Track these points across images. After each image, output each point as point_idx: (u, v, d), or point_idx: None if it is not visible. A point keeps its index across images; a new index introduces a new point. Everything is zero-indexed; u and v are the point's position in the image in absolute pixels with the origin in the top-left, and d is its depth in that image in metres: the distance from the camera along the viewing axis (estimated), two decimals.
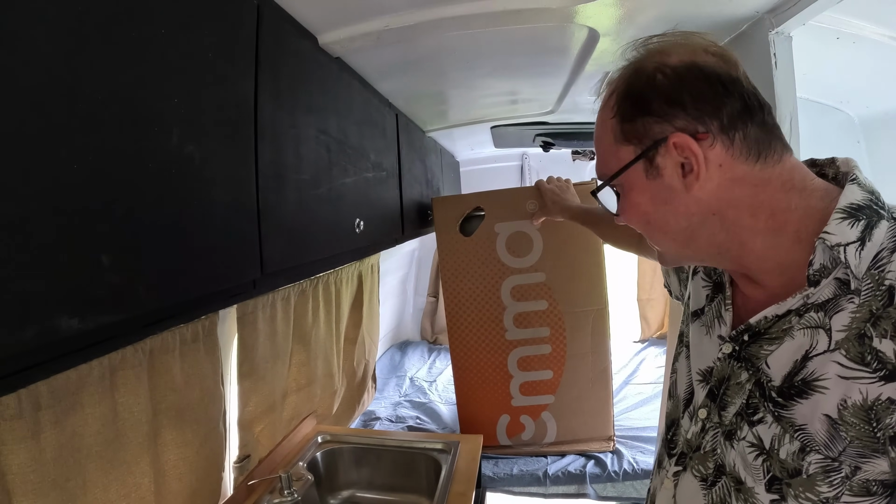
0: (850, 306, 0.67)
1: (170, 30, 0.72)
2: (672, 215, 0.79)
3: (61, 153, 0.55)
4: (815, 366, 0.69)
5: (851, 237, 0.67)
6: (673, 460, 0.92)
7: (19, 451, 0.97)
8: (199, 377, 1.44)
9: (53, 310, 0.53)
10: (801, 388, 0.70)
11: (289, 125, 1.06)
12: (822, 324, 0.69)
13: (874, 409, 0.63)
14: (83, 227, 0.59)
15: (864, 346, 0.64)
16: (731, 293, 0.88)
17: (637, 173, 0.79)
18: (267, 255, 0.96)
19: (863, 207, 0.68)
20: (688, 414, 0.91)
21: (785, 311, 0.74)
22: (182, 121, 0.74)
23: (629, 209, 0.82)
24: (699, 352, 0.92)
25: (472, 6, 1.24)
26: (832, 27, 1.45)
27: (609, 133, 0.81)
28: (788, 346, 0.73)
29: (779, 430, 0.72)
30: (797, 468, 0.69)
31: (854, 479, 0.66)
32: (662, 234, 0.82)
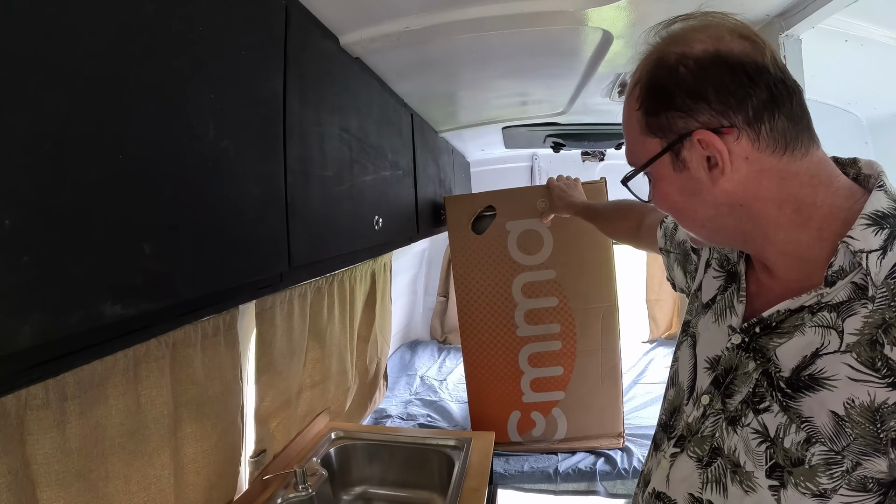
0: (864, 311, 0.68)
1: (207, 29, 0.74)
2: (700, 205, 0.79)
3: (109, 146, 0.58)
4: (825, 364, 0.70)
5: (874, 245, 0.68)
6: (671, 442, 0.94)
7: (45, 441, 0.99)
8: (220, 371, 1.46)
9: (98, 295, 0.55)
10: (808, 382, 0.71)
11: (314, 123, 1.08)
12: (835, 325, 0.70)
13: (880, 411, 0.64)
14: (128, 216, 0.61)
15: (875, 352, 0.65)
16: (746, 284, 0.89)
17: (664, 165, 0.79)
18: (294, 250, 0.98)
19: (888, 216, 0.69)
20: (691, 401, 0.92)
21: (798, 307, 0.75)
22: (218, 116, 0.76)
23: (659, 198, 0.84)
24: (708, 340, 0.93)
25: (487, 9, 1.27)
26: (841, 30, 1.47)
27: (635, 124, 0.81)
28: (798, 342, 0.74)
29: (785, 420, 0.73)
30: (800, 458, 0.70)
31: (853, 475, 0.67)
32: (691, 221, 0.83)
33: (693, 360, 0.95)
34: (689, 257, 1.13)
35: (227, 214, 0.79)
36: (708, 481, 0.83)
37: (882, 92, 2.03)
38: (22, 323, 0.46)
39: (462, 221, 2.43)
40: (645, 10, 1.28)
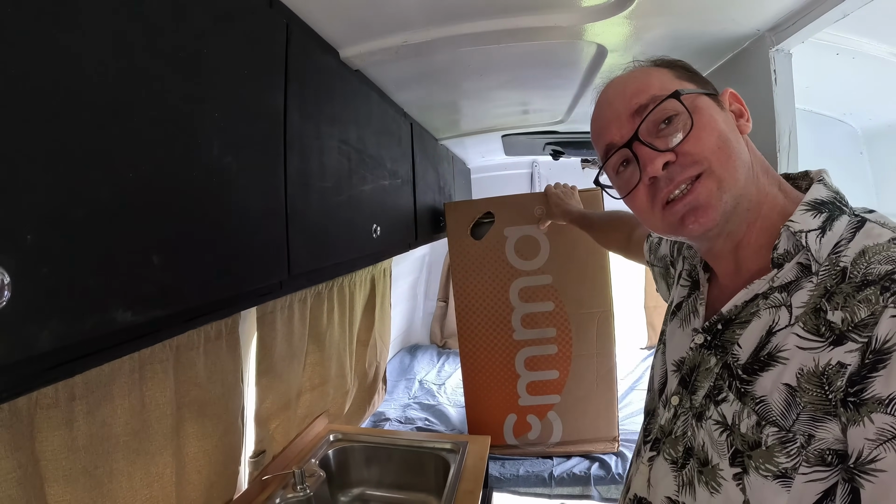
0: (809, 285, 0.73)
1: (211, 50, 0.78)
2: (740, 145, 0.83)
3: (120, 164, 0.62)
4: (778, 340, 0.73)
5: (813, 225, 0.74)
6: (648, 446, 0.96)
7: (53, 439, 1.03)
8: (221, 373, 1.49)
9: (111, 303, 0.59)
10: (765, 361, 0.74)
11: (313, 136, 1.12)
12: (785, 302, 0.75)
13: (826, 373, 0.66)
14: (138, 230, 0.65)
15: (819, 319, 0.69)
16: (707, 290, 0.95)
17: (708, 101, 0.84)
18: (293, 258, 1.01)
19: (826, 203, 0.76)
20: (661, 402, 0.96)
21: (752, 296, 0.80)
22: (221, 134, 0.80)
23: (707, 124, 0.81)
24: (674, 344, 0.98)
25: (486, 24, 1.30)
26: (832, 43, 1.49)
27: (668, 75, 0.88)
28: (755, 325, 0.78)
29: (739, 407, 0.76)
30: (756, 440, 0.72)
31: (809, 449, 0.68)
32: (735, 158, 0.81)
33: (664, 365, 1.00)
34: (669, 270, 1.17)
35: (229, 226, 0.83)
36: (683, 484, 0.86)
37: (876, 103, 2.05)
38: (42, 328, 0.50)
39: (461, 227, 2.46)
40: (638, 25, 1.31)
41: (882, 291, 0.64)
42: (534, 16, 1.29)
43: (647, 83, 0.86)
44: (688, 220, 0.81)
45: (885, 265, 0.66)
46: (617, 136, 0.87)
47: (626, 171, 0.89)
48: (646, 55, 1.46)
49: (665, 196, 0.82)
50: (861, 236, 0.71)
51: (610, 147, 0.89)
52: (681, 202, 0.81)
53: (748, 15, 1.29)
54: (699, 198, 0.79)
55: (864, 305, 0.65)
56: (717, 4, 1.23)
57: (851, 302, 0.66)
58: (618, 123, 0.87)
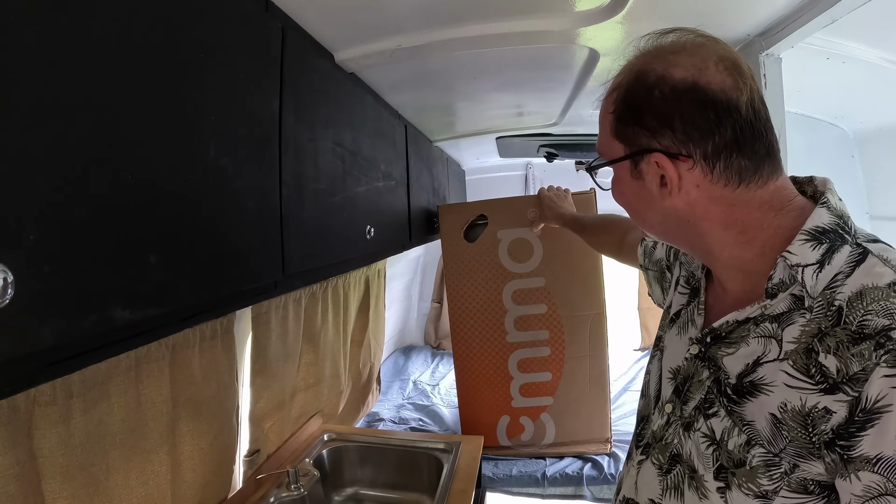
0: (801, 321, 0.71)
1: (208, 55, 0.80)
2: (651, 212, 0.86)
3: (119, 167, 0.63)
4: (765, 372, 0.73)
5: (811, 259, 0.71)
6: (639, 451, 0.98)
7: (51, 435, 1.03)
8: (216, 372, 1.50)
9: (109, 302, 0.61)
10: (749, 388, 0.75)
11: (308, 138, 1.14)
12: (775, 334, 0.74)
13: (811, 415, 0.67)
14: (136, 230, 0.66)
15: (810, 360, 0.68)
16: (705, 299, 0.94)
17: (624, 170, 0.85)
18: (288, 259, 1.03)
19: (828, 231, 0.72)
20: (657, 409, 0.96)
21: (744, 318, 0.79)
22: (218, 136, 0.82)
23: (617, 194, 0.90)
24: (672, 352, 0.97)
25: (479, 28, 1.31)
26: (822, 48, 1.51)
27: (607, 125, 0.85)
28: (743, 351, 0.78)
29: (729, 424, 0.76)
30: (741, 459, 0.73)
31: (792, 476, 0.69)
32: (642, 222, 0.90)
33: (660, 371, 0.99)
34: (665, 275, 1.17)
35: (225, 227, 0.85)
36: (667, 488, 0.87)
37: (868, 106, 2.09)
38: (43, 326, 0.52)
39: (455, 229, 2.48)
40: (629, 29, 1.32)
41: (876, 347, 0.63)
42: (526, 20, 1.30)
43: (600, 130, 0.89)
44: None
45: (882, 318, 0.65)
46: None
47: None
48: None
49: None
50: (860, 273, 0.69)
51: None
52: None
53: (739, 20, 1.31)
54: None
55: (857, 360, 0.64)
56: (708, 9, 1.25)
57: (846, 353, 0.66)
58: None
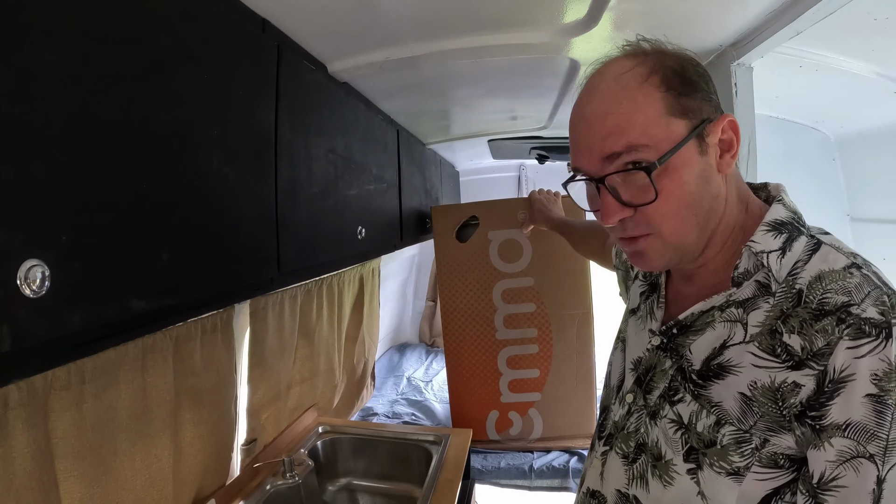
0: (766, 305, 0.76)
1: (211, 75, 0.89)
2: (707, 195, 0.80)
3: (136, 177, 0.73)
4: (732, 354, 0.78)
5: (774, 246, 0.78)
6: (602, 441, 1.00)
7: (65, 418, 1.12)
8: (216, 363, 1.58)
9: (128, 293, 0.70)
10: (717, 371, 0.79)
11: (302, 147, 1.22)
12: (741, 318, 0.78)
13: (780, 390, 0.70)
14: (150, 232, 0.75)
15: (774, 340, 0.73)
16: (665, 293, 0.99)
17: (691, 149, 0.78)
18: (283, 257, 1.12)
19: (786, 223, 0.80)
20: (618, 399, 0.99)
21: (709, 308, 0.83)
22: (220, 148, 0.91)
23: (671, 193, 0.78)
24: (633, 343, 1.01)
25: (463, 41, 1.38)
26: (795, 56, 1.57)
27: (657, 105, 0.77)
28: (709, 336, 0.82)
29: (696, 407, 0.79)
30: (712, 439, 0.76)
31: (763, 451, 0.72)
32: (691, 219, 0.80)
33: (623, 363, 1.03)
34: (629, 273, 1.22)
35: (227, 229, 0.94)
36: (633, 477, 0.89)
37: (846, 111, 2.13)
38: (73, 312, 0.61)
39: (447, 230, 2.55)
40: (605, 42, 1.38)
41: (838, 323, 0.68)
42: (507, 33, 1.36)
43: (629, 120, 0.78)
44: (633, 259, 0.86)
45: (841, 296, 0.70)
46: (586, 167, 0.84)
47: (588, 194, 0.90)
48: None
49: (618, 234, 0.85)
50: (817, 259, 0.75)
51: (576, 169, 0.86)
52: (629, 245, 0.84)
53: (710, 32, 1.37)
54: (644, 251, 0.83)
55: (821, 335, 0.69)
56: (681, 22, 1.30)
57: (809, 330, 0.70)
58: (588, 156, 0.82)
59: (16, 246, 0.55)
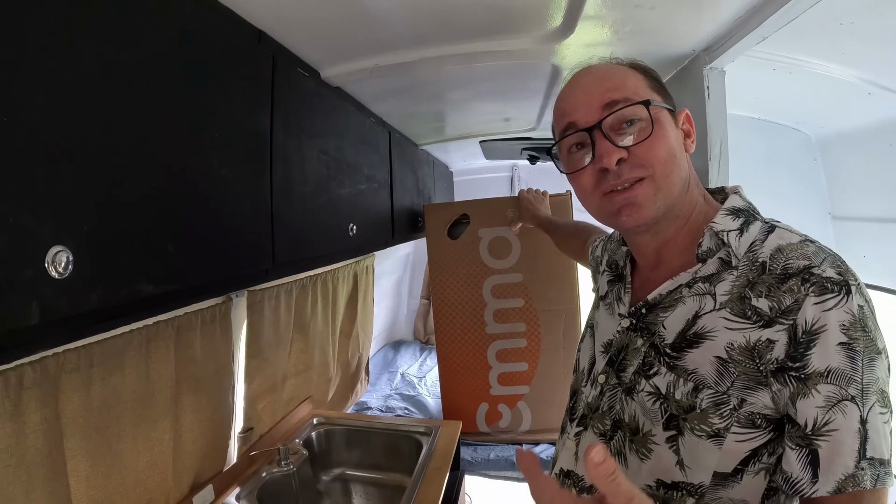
0: (730, 277, 0.85)
1: (213, 84, 0.98)
2: (683, 159, 0.93)
3: (147, 177, 0.81)
4: (705, 322, 0.85)
5: (733, 227, 0.88)
6: (574, 423, 1.05)
7: (74, 399, 1.20)
8: (215, 353, 1.66)
9: (138, 278, 0.79)
10: (692, 339, 0.85)
11: (296, 149, 1.30)
12: (709, 291, 0.86)
13: (756, 348, 0.77)
14: (158, 225, 0.84)
15: (744, 305, 0.80)
16: (631, 280, 1.07)
17: (668, 116, 0.93)
18: (277, 250, 1.20)
19: (742, 210, 0.91)
20: (589, 382, 1.05)
21: (677, 286, 0.91)
22: (220, 150, 0.99)
23: (662, 136, 0.90)
24: (602, 329, 1.09)
25: (447, 48, 1.45)
26: (768, 59, 1.63)
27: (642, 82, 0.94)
28: (680, 310, 0.89)
29: (673, 377, 0.85)
30: (692, 404, 0.82)
31: (741, 412, 0.78)
32: (676, 171, 0.91)
33: (592, 348, 1.09)
34: (598, 267, 1.30)
35: (226, 223, 1.02)
36: (611, 454, 0.92)
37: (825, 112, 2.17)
38: (92, 292, 0.70)
39: (439, 228, 2.64)
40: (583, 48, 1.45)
41: (803, 282, 0.76)
42: (492, 41, 1.42)
43: (623, 82, 0.92)
44: (623, 212, 0.90)
45: (802, 261, 0.78)
46: (582, 119, 0.92)
47: (579, 153, 0.95)
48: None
49: (609, 187, 0.90)
50: (774, 237, 0.84)
51: (571, 125, 0.94)
52: (621, 195, 0.90)
53: (683, 38, 1.43)
54: (637, 197, 0.89)
55: (788, 294, 0.76)
56: (654, 28, 1.36)
57: (777, 292, 0.78)
58: (587, 108, 0.92)
59: (44, 234, 0.63)
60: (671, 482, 0.85)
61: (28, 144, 0.62)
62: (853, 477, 0.70)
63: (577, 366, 1.18)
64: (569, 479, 1.03)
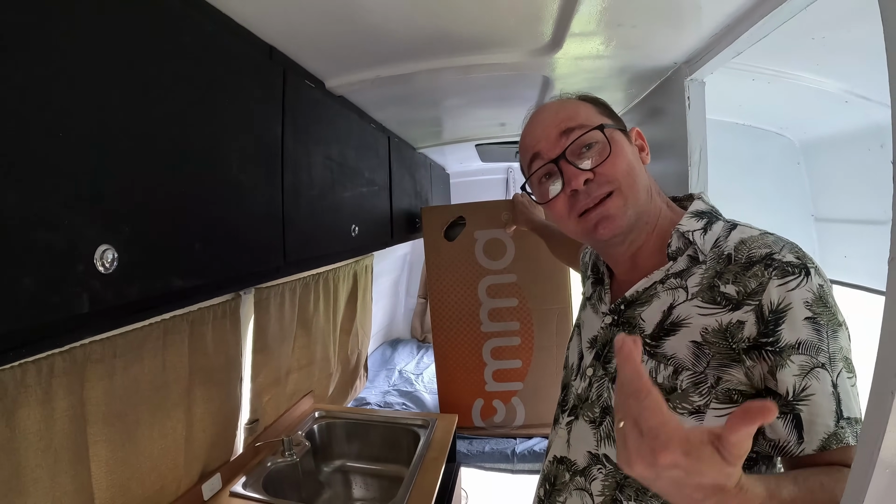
0: (699, 271, 0.93)
1: (230, 98, 1.07)
2: (642, 171, 1.03)
3: (177, 183, 0.91)
4: (679, 311, 0.93)
5: (697, 227, 0.98)
6: (565, 414, 1.13)
7: (98, 387, 1.28)
8: (225, 346, 1.75)
9: (170, 273, 0.88)
10: (669, 328, 0.93)
11: (303, 155, 1.39)
12: (681, 285, 0.95)
13: (728, 329, 0.85)
14: (187, 226, 0.93)
15: (714, 292, 0.89)
16: (610, 283, 1.16)
17: (621, 135, 1.03)
18: (287, 250, 1.29)
19: (705, 212, 1.01)
20: (579, 375, 1.12)
21: (651, 283, 0.99)
22: (237, 157, 1.09)
23: (619, 155, 0.99)
24: (588, 326, 1.17)
25: (444, 61, 1.53)
26: (747, 70, 1.71)
27: (592, 110, 1.05)
28: (656, 304, 0.98)
29: (654, 364, 0.93)
30: (673, 386, 0.89)
31: (718, 389, 0.85)
32: (638, 182, 1.01)
33: (580, 345, 1.17)
34: (587, 273, 1.35)
35: (243, 225, 1.12)
36: (601, 438, 1.01)
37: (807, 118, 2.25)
38: (131, 286, 0.79)
39: (436, 229, 2.71)
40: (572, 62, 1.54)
41: (766, 267, 0.85)
42: (483, 55, 1.50)
43: (576, 112, 1.04)
44: (600, 226, 0.99)
45: (763, 249, 0.87)
46: (545, 150, 1.03)
47: (548, 183, 1.04)
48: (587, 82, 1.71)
49: (582, 207, 0.99)
50: (736, 233, 0.93)
51: (536, 156, 1.05)
52: (594, 212, 0.99)
53: (664, 52, 1.50)
54: (609, 210, 0.98)
55: (753, 279, 0.85)
56: (637, 43, 1.43)
57: (742, 278, 0.86)
58: (547, 141, 1.03)
59: (93, 234, 0.72)
60: None
61: (80, 156, 0.71)
62: (835, 435, 0.78)
63: (566, 363, 1.26)
64: (562, 464, 1.10)
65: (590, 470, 1.03)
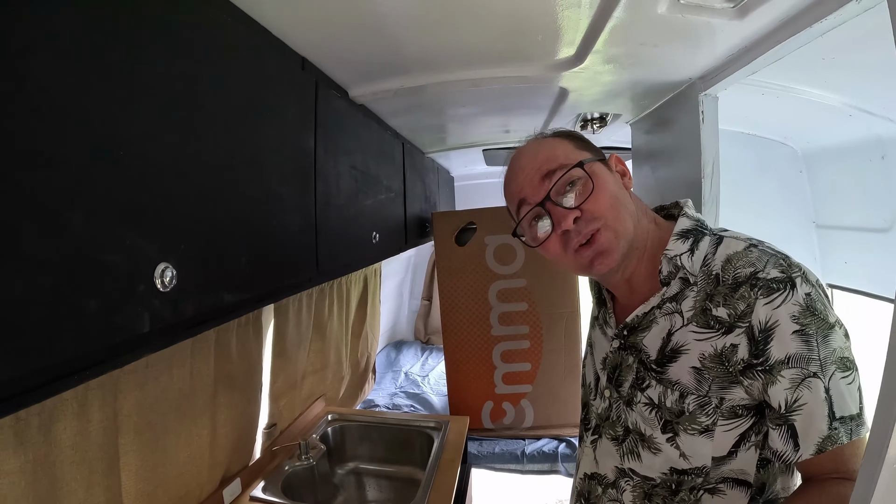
0: (692, 293, 0.96)
1: (270, 111, 1.09)
2: (626, 199, 1.04)
3: (225, 202, 0.93)
4: (678, 338, 0.96)
5: (684, 249, 0.99)
6: (589, 432, 1.17)
7: (131, 397, 1.30)
8: (248, 353, 1.77)
9: (221, 288, 0.90)
10: (670, 355, 0.97)
11: (332, 165, 1.41)
12: (676, 310, 0.97)
13: (723, 353, 0.89)
14: (236, 242, 0.95)
15: (707, 316, 0.92)
16: (612, 306, 1.17)
17: (601, 166, 1.04)
18: (320, 259, 1.31)
19: (690, 230, 1.02)
20: (598, 395, 1.15)
21: (650, 308, 1.02)
22: (277, 171, 1.11)
23: (602, 188, 1.00)
24: (598, 347, 1.19)
25: (467, 73, 1.55)
26: (757, 86, 1.73)
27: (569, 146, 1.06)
28: (656, 330, 1.01)
29: (662, 388, 0.97)
30: (681, 409, 0.94)
31: (723, 407, 0.90)
32: (624, 211, 1.01)
33: (594, 364, 1.20)
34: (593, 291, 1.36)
35: (283, 237, 1.13)
36: (625, 454, 1.05)
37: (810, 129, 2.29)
38: (188, 302, 0.81)
39: (447, 235, 2.75)
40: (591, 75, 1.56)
41: (751, 287, 0.87)
42: (506, 67, 1.52)
43: (554, 153, 1.04)
44: (595, 262, 1.00)
45: (748, 268, 0.89)
46: (530, 195, 1.04)
47: (538, 225, 1.04)
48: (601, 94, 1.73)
49: (575, 244, 1.00)
50: (722, 248, 0.96)
51: (523, 201, 1.06)
52: (588, 249, 0.99)
53: (681, 68, 1.53)
54: (602, 245, 0.99)
55: (741, 301, 0.88)
56: (657, 60, 1.46)
57: (731, 300, 0.89)
58: (531, 186, 1.04)
59: (153, 252, 0.74)
60: (681, 469, 0.97)
61: (140, 177, 0.73)
62: (829, 437, 0.82)
63: (583, 380, 1.29)
64: (593, 479, 1.15)
65: (619, 482, 1.08)
